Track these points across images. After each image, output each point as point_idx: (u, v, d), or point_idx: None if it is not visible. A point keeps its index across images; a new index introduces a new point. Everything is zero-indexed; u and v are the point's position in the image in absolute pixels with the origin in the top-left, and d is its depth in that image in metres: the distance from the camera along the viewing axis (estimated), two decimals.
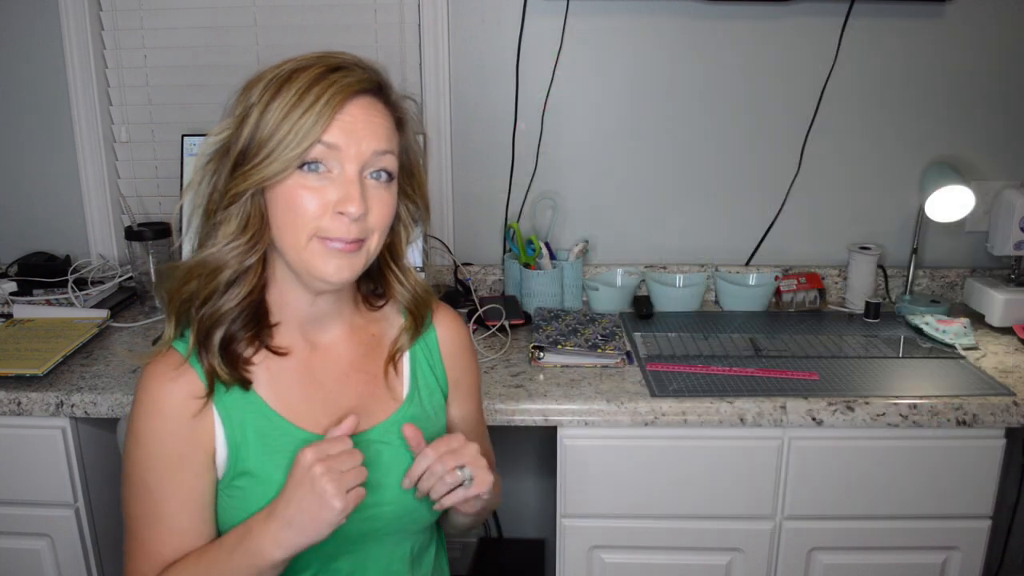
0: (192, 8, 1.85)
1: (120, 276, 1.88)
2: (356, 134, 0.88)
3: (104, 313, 1.68)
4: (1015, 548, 1.90)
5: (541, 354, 1.53)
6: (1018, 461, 1.77)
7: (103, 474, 1.48)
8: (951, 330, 1.61)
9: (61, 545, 1.44)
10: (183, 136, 1.73)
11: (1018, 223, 1.70)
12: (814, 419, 1.36)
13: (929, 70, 1.80)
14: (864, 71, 1.81)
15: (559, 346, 1.53)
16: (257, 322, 0.96)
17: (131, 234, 1.74)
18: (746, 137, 1.86)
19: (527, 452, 2.01)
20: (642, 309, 1.77)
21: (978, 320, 1.73)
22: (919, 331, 1.67)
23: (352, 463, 0.89)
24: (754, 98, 1.83)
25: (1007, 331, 1.68)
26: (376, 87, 0.92)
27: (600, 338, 1.57)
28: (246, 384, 0.95)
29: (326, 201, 0.88)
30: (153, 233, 1.73)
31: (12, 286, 1.80)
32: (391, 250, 1.01)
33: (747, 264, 1.93)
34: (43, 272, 1.83)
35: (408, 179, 0.98)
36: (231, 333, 0.94)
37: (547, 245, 1.84)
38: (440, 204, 1.89)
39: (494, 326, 1.67)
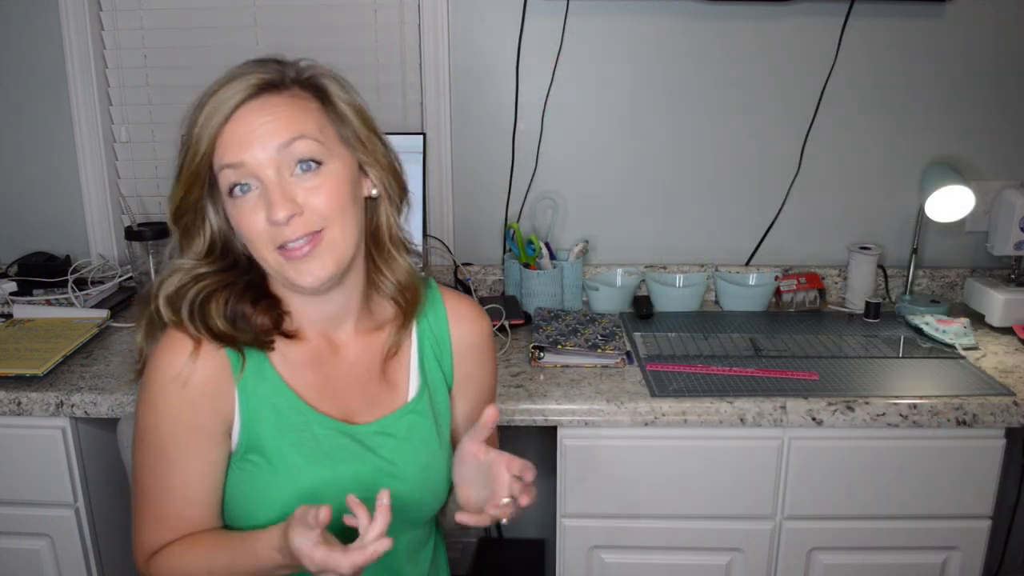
0: (192, 8, 1.85)
1: (120, 276, 1.87)
2: (252, 143, 0.87)
3: (104, 313, 1.68)
4: (1015, 548, 1.90)
5: (541, 354, 1.53)
6: (1018, 461, 1.77)
7: (103, 474, 1.48)
8: (951, 330, 1.61)
9: (61, 545, 1.44)
10: (183, 136, 1.72)
11: (1018, 223, 1.70)
12: (814, 419, 1.36)
13: (929, 70, 1.80)
14: (864, 71, 1.81)
15: (559, 346, 1.53)
16: (267, 299, 0.96)
17: (131, 234, 1.75)
18: (746, 137, 1.86)
19: (527, 452, 1.99)
20: (642, 309, 1.77)
21: (978, 320, 1.73)
22: (919, 331, 1.66)
23: None
24: (754, 98, 1.83)
25: (1007, 331, 1.68)
26: (258, 90, 0.88)
27: (600, 338, 1.57)
28: (264, 344, 0.94)
29: (264, 216, 0.88)
30: (153, 233, 1.73)
31: (12, 286, 1.80)
32: (374, 234, 0.98)
33: (747, 264, 1.93)
34: (43, 272, 1.83)
35: (361, 147, 0.94)
36: (234, 307, 0.94)
37: (547, 245, 1.84)
38: (440, 204, 1.89)
39: (494, 326, 1.67)
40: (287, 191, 0.88)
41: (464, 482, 0.97)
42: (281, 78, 0.90)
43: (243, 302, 0.94)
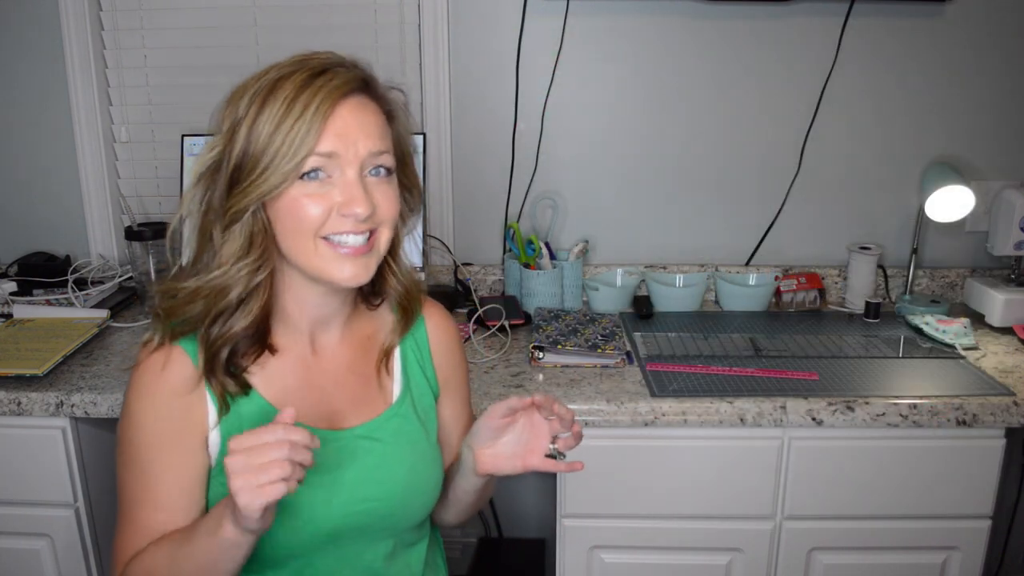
0: (192, 8, 1.85)
1: (120, 276, 1.88)
2: (351, 138, 0.89)
3: (104, 313, 1.68)
4: (1015, 548, 1.90)
5: (541, 354, 1.53)
6: (1018, 461, 1.77)
7: (103, 474, 1.48)
8: (951, 330, 1.61)
9: (61, 545, 1.44)
10: (183, 136, 1.73)
11: (1018, 223, 1.70)
12: (814, 419, 1.36)
13: (929, 70, 1.80)
14: (864, 71, 1.81)
15: (559, 346, 1.53)
16: (265, 333, 0.96)
17: (131, 234, 1.75)
18: (746, 137, 1.86)
19: None
20: (642, 309, 1.77)
21: (978, 320, 1.73)
22: (919, 331, 1.66)
23: (273, 455, 0.78)
24: (754, 98, 1.83)
25: (1007, 331, 1.68)
26: (363, 84, 0.92)
27: (600, 338, 1.57)
28: (247, 389, 0.95)
29: (330, 205, 0.89)
30: (153, 233, 1.73)
31: (12, 286, 1.80)
32: (391, 246, 1.00)
33: (747, 264, 1.93)
34: (43, 272, 1.83)
35: (403, 169, 0.99)
36: (237, 348, 0.94)
37: (547, 245, 1.84)
38: (440, 204, 1.89)
39: (494, 326, 1.67)
40: (367, 189, 0.90)
41: (491, 438, 1.02)
42: (372, 83, 0.94)
43: (243, 347, 0.94)
